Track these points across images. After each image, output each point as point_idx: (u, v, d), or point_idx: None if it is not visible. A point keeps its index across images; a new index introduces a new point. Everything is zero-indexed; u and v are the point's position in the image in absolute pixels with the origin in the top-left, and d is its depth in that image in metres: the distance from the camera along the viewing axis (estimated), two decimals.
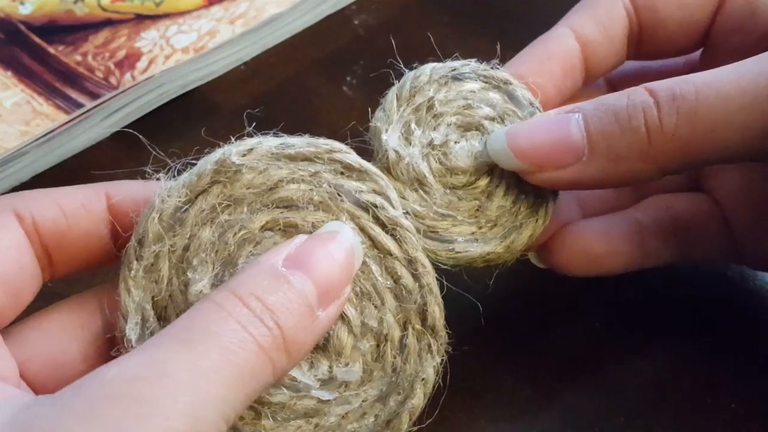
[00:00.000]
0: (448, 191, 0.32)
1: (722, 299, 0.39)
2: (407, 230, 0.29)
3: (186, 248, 0.28)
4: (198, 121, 0.48)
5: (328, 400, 0.28)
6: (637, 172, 0.30)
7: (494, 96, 0.34)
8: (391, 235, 0.29)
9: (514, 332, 0.38)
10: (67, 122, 0.45)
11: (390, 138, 0.32)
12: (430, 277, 0.29)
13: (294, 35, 0.52)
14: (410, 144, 0.32)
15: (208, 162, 0.29)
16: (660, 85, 0.29)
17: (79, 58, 0.49)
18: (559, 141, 0.30)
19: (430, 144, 0.32)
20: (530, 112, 0.33)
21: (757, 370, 0.37)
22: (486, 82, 0.34)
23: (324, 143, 0.30)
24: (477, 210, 0.32)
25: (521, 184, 0.32)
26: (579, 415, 0.36)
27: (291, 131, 0.48)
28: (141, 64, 0.48)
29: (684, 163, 0.29)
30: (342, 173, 0.29)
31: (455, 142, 0.32)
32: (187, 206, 0.28)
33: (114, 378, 0.22)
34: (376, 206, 0.29)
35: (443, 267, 0.31)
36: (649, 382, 0.36)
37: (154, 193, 0.28)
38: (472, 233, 0.32)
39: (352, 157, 0.30)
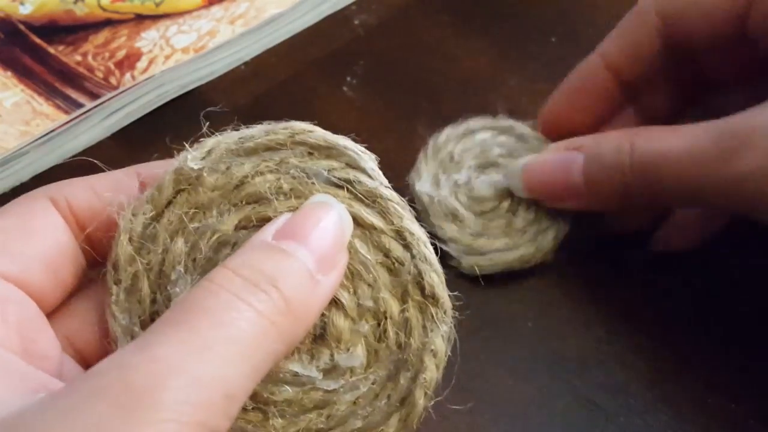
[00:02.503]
0: (479, 217, 0.40)
1: (722, 298, 0.39)
2: (389, 200, 0.28)
3: (162, 264, 0.27)
4: (198, 121, 0.47)
5: (335, 389, 0.27)
6: (622, 207, 0.38)
7: (503, 139, 0.42)
8: (372, 208, 0.28)
9: (514, 332, 0.38)
10: (67, 122, 0.45)
11: (422, 186, 0.40)
12: (422, 245, 0.28)
13: (294, 35, 0.52)
14: (439, 187, 0.40)
15: (167, 173, 0.28)
16: (641, 148, 0.35)
17: (79, 58, 0.49)
18: (562, 183, 0.37)
19: (456, 184, 0.40)
20: (535, 146, 0.41)
21: (757, 369, 0.37)
22: (494, 130, 0.42)
23: (284, 128, 0.28)
24: (506, 226, 0.39)
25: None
26: (579, 415, 0.36)
27: None
28: (141, 64, 0.48)
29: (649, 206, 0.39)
30: (310, 154, 0.28)
31: (477, 178, 0.41)
32: (155, 222, 0.28)
33: (104, 370, 0.22)
34: (350, 182, 0.28)
35: (486, 274, 0.38)
36: (649, 382, 0.36)
37: (119, 215, 0.28)
38: (506, 244, 0.39)
39: (317, 135, 0.28)
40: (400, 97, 0.49)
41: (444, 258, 0.40)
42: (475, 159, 0.41)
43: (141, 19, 0.51)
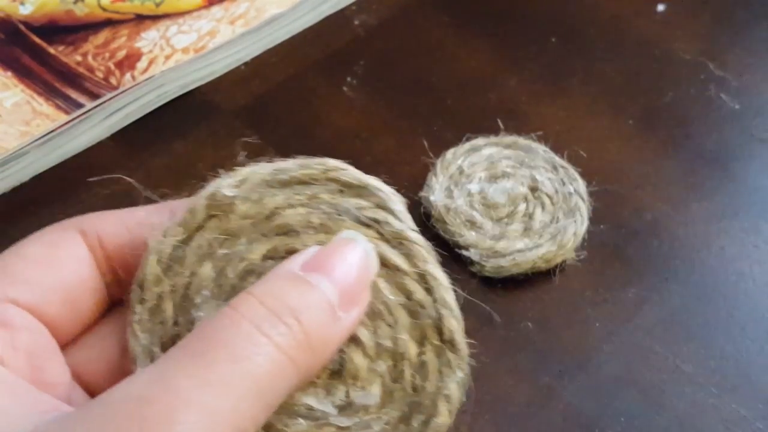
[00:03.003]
0: (496, 223, 0.41)
1: (722, 299, 0.39)
2: (415, 243, 0.28)
3: (188, 287, 0.28)
4: (198, 121, 0.48)
5: (348, 427, 0.27)
6: None
7: (509, 152, 0.44)
8: (398, 249, 0.28)
9: (514, 332, 0.38)
10: (67, 122, 0.45)
11: (437, 198, 0.42)
12: (443, 290, 0.28)
13: (294, 35, 0.52)
14: (454, 198, 0.42)
15: (200, 197, 0.28)
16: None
17: (79, 58, 0.49)
18: None
19: (470, 194, 0.42)
20: (545, 158, 0.43)
21: (758, 370, 0.37)
22: (498, 145, 0.44)
23: (318, 163, 0.29)
24: (524, 230, 0.41)
25: (553, 200, 0.42)
26: (579, 415, 0.36)
27: (291, 131, 0.48)
28: (141, 65, 0.48)
29: None
30: (341, 191, 0.28)
31: (490, 186, 0.42)
32: (184, 245, 0.28)
33: (118, 400, 0.22)
34: (378, 222, 0.28)
35: (506, 276, 0.39)
36: (649, 382, 0.37)
37: (149, 235, 0.28)
38: (526, 244, 0.40)
39: (350, 174, 0.29)
40: (400, 97, 0.49)
41: (465, 264, 0.40)
42: (485, 171, 0.43)
43: (141, 19, 0.51)
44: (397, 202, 0.29)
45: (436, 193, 0.42)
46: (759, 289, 0.40)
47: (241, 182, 0.28)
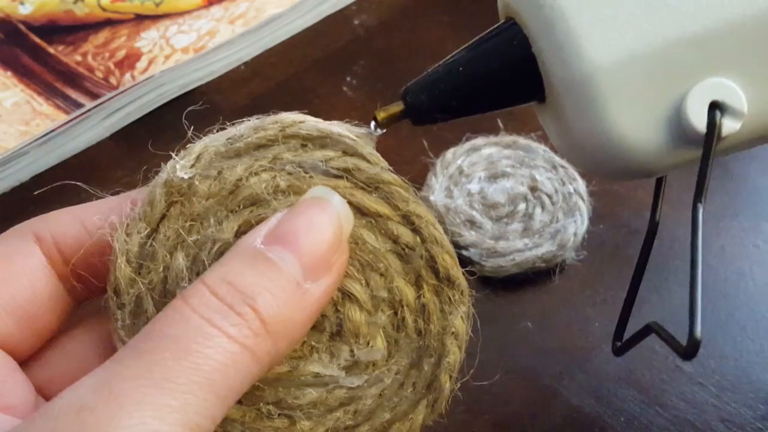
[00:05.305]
0: (495, 223, 0.41)
1: (722, 299, 0.39)
2: (391, 184, 0.27)
3: (165, 281, 0.26)
4: (198, 121, 0.47)
5: (359, 385, 0.26)
6: None
7: (508, 152, 0.44)
8: (376, 194, 0.27)
9: (514, 332, 0.38)
10: (67, 122, 0.45)
11: (437, 197, 0.42)
12: (431, 228, 0.27)
13: (294, 35, 0.52)
14: (453, 198, 0.42)
15: (156, 186, 0.26)
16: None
17: (79, 58, 0.49)
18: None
19: (469, 193, 0.42)
20: (544, 157, 0.43)
21: (758, 370, 0.37)
22: (498, 145, 0.44)
23: (272, 122, 0.27)
24: (524, 229, 0.41)
25: (553, 199, 0.42)
26: (579, 415, 0.36)
27: None
28: (141, 64, 0.48)
29: None
30: (304, 146, 0.27)
31: (489, 186, 0.42)
32: (151, 239, 0.26)
33: (60, 411, 0.21)
34: (349, 170, 0.26)
35: (506, 276, 0.39)
36: (649, 383, 0.37)
37: (113, 237, 0.26)
38: (525, 244, 0.40)
39: (309, 125, 0.27)
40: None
41: (465, 264, 0.40)
42: (485, 171, 0.43)
43: (141, 19, 0.51)
44: (365, 144, 0.27)
45: (435, 192, 0.42)
46: (759, 289, 0.40)
47: (195, 160, 0.27)
